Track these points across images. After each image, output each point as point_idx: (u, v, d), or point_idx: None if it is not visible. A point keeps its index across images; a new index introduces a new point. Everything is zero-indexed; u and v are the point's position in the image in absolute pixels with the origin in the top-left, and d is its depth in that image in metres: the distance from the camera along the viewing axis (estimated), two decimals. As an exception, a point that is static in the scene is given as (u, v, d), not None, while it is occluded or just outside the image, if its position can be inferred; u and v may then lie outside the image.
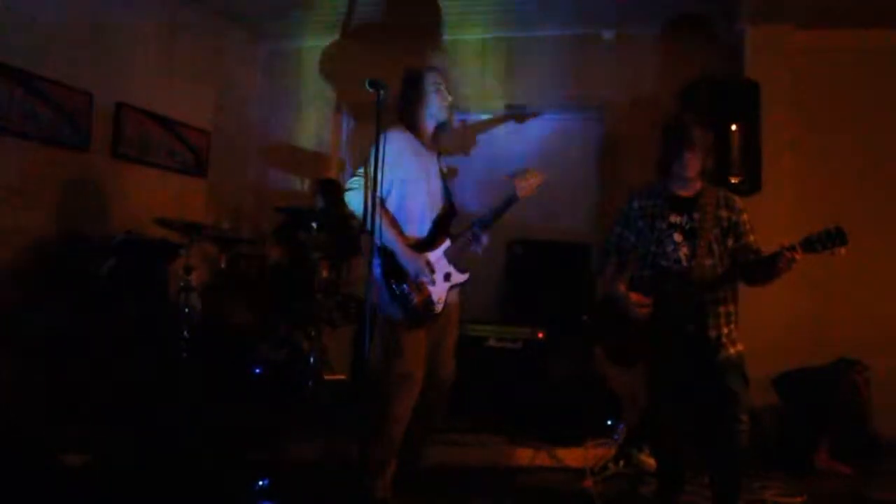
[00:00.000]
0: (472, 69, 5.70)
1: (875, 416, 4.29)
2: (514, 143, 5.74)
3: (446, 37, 5.68)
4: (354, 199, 3.05)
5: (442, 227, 3.20)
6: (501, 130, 5.78)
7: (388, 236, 3.02)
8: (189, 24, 5.33)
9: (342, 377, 4.60)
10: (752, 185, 4.39)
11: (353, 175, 3.11)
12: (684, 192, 3.13)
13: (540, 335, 4.75)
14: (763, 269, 2.88)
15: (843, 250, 2.73)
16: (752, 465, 3.47)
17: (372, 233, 2.85)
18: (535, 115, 5.71)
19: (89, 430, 3.57)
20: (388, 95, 2.86)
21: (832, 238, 2.73)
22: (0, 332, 3.81)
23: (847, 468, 4.07)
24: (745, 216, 3.09)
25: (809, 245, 2.76)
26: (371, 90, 2.87)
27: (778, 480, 3.73)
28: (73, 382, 3.77)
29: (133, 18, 4.86)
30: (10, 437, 3.39)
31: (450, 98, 3.23)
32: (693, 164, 3.07)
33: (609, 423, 4.19)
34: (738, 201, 3.13)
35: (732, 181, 4.24)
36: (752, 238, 3.06)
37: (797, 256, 2.76)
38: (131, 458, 3.35)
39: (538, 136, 5.73)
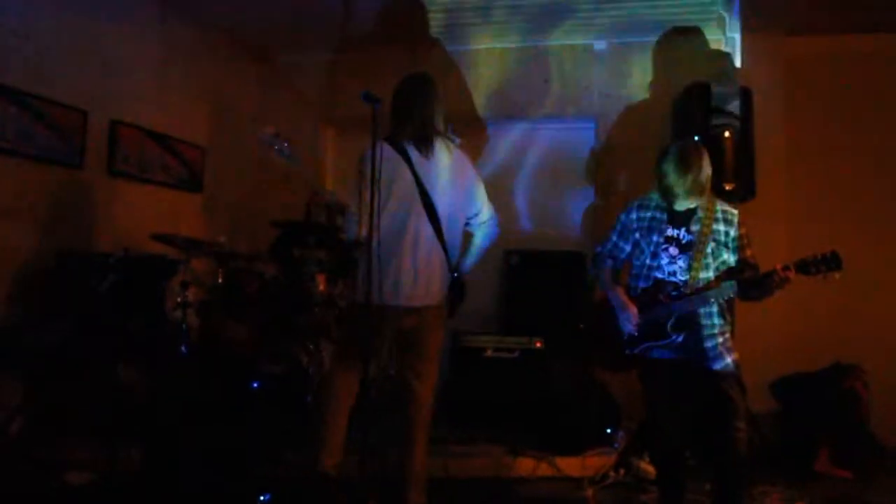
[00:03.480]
0: (466, 81, 5.73)
1: (874, 420, 4.30)
2: (509, 153, 5.77)
3: (440, 49, 5.71)
4: None
5: None
6: (496, 141, 5.80)
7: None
8: (182, 41, 5.35)
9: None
10: (746, 191, 4.41)
11: None
12: (682, 205, 3.13)
13: (538, 344, 4.77)
14: (756, 287, 2.92)
15: (836, 275, 2.78)
16: (753, 471, 3.47)
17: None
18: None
19: (91, 448, 3.57)
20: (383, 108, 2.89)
21: (827, 262, 2.79)
22: (0, 351, 3.81)
23: (847, 473, 4.08)
24: (743, 230, 3.09)
25: (804, 267, 2.82)
26: (366, 103, 2.90)
27: (778, 486, 3.74)
28: (73, 400, 3.77)
29: (127, 36, 4.87)
30: (13, 456, 3.38)
31: None
32: (691, 188, 3.07)
33: (608, 431, 4.19)
34: (737, 216, 3.12)
35: (727, 188, 4.25)
36: (749, 253, 3.06)
37: (790, 276, 2.82)
38: (134, 476, 3.34)
39: (533, 147, 5.76)
